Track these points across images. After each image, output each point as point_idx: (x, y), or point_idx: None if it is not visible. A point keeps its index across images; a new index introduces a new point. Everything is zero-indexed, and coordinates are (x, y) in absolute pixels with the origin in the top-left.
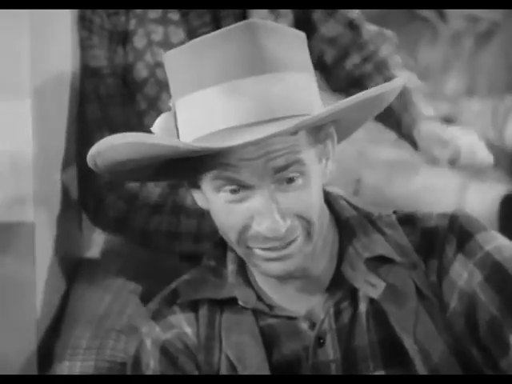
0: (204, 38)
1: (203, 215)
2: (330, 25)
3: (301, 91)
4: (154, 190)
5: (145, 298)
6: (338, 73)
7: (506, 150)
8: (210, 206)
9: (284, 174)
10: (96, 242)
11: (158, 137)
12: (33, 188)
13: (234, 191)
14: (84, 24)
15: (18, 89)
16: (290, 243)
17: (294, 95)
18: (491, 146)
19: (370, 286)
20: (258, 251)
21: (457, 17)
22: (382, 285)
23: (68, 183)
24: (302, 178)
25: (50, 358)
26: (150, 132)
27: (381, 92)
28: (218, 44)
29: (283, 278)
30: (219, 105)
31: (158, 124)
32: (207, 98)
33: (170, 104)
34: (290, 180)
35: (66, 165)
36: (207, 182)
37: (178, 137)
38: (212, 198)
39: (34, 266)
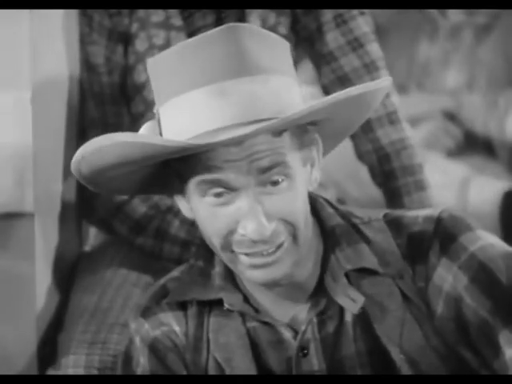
0: (186, 43)
1: (186, 244)
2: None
3: (285, 94)
4: (139, 208)
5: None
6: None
7: (506, 144)
8: (194, 214)
9: (268, 176)
10: (96, 234)
11: (145, 135)
12: (33, 181)
13: (218, 195)
14: (85, 20)
15: (19, 82)
16: (276, 249)
17: (278, 97)
18: (492, 140)
19: (349, 300)
20: (242, 257)
21: (456, 10)
22: (361, 299)
23: (68, 176)
24: (286, 180)
25: (54, 351)
26: None
27: (363, 91)
28: (200, 47)
29: (268, 286)
30: (203, 107)
31: (143, 131)
32: (191, 100)
33: (154, 111)
34: (275, 183)
35: (66, 158)
36: (192, 188)
37: None
38: (197, 204)
39: (34, 260)
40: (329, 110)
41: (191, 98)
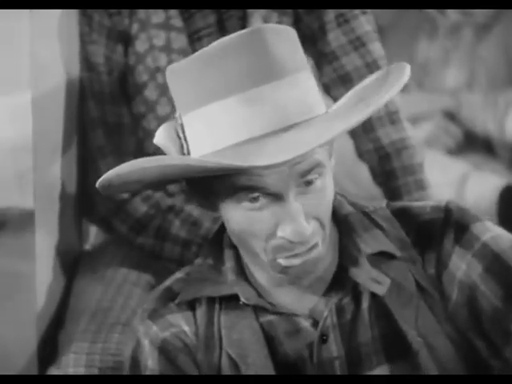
0: (210, 49)
1: (187, 243)
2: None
3: (309, 92)
4: (140, 207)
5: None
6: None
7: (506, 143)
8: (227, 219)
9: (306, 178)
10: (97, 233)
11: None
12: (33, 179)
13: (254, 199)
14: (84, 20)
15: (19, 81)
16: (312, 248)
17: (304, 97)
18: (492, 140)
19: (376, 283)
20: (281, 261)
21: (455, 9)
22: (387, 281)
23: (67, 174)
24: (320, 179)
25: (54, 351)
26: (149, 134)
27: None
28: (225, 54)
29: (301, 281)
30: (234, 116)
31: (163, 135)
32: (221, 110)
33: (176, 116)
34: (309, 183)
35: (65, 156)
36: (225, 196)
37: (189, 150)
38: (231, 210)
39: (34, 258)
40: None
41: (219, 107)
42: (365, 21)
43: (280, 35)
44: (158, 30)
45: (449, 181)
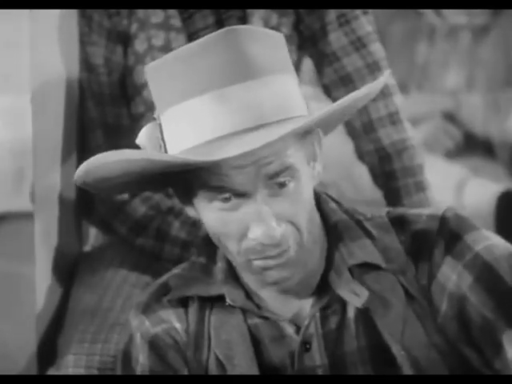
0: (186, 48)
1: (186, 245)
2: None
3: (286, 94)
4: (140, 208)
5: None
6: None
7: (506, 145)
8: (204, 220)
9: (276, 180)
10: (96, 235)
11: (151, 153)
12: (32, 180)
13: (225, 199)
14: (84, 20)
15: (19, 82)
16: (284, 251)
17: (280, 99)
18: (491, 141)
19: (353, 295)
20: (256, 262)
21: (453, 11)
22: (365, 294)
23: (67, 176)
24: (293, 182)
25: (53, 352)
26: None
27: (368, 92)
28: (199, 53)
29: (281, 286)
30: (207, 114)
31: (144, 135)
32: (194, 108)
33: (155, 116)
34: (282, 185)
35: (65, 158)
36: (200, 196)
37: (166, 149)
38: (205, 210)
39: (34, 259)
40: (337, 113)
41: (193, 105)
42: (366, 21)
43: (256, 36)
44: (157, 29)
45: (447, 186)
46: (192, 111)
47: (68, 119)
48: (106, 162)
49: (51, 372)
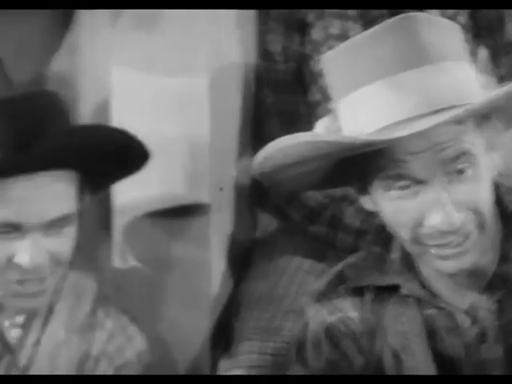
0: (359, 37)
1: (360, 233)
2: None
3: (461, 80)
4: (314, 196)
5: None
6: None
7: None
8: (379, 209)
9: (454, 166)
10: (268, 222)
11: (327, 134)
12: (209, 171)
13: (404, 187)
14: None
15: (197, 68)
16: (464, 239)
17: (456, 84)
18: None
19: None
20: (432, 249)
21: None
22: None
23: (242, 164)
24: (471, 169)
25: (226, 337)
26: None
27: None
28: (375, 40)
29: (456, 276)
30: (382, 101)
31: (321, 126)
32: (369, 95)
33: (330, 107)
34: (460, 172)
35: (240, 146)
36: (376, 184)
37: None
38: (381, 198)
39: (209, 247)
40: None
41: (367, 92)
42: None
43: (432, 23)
44: (333, 18)
45: None
46: (367, 98)
47: (244, 106)
48: (285, 145)
49: (225, 358)
